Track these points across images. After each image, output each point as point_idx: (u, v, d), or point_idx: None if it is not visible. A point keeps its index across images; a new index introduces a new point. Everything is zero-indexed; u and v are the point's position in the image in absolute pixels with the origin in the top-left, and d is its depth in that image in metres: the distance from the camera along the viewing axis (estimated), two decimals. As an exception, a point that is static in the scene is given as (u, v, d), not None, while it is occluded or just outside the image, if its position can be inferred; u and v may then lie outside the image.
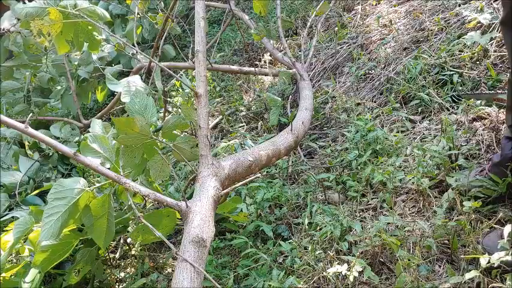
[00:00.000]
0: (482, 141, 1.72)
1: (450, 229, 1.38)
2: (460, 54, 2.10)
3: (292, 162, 2.11)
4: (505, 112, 1.60)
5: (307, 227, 1.64)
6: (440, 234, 1.40)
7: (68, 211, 1.17)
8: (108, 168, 1.25)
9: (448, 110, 1.92)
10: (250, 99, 2.84)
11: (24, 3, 1.68)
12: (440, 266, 1.36)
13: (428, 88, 2.03)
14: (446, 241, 1.41)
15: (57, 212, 1.16)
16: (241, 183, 1.33)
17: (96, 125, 1.53)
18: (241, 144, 2.34)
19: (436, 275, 1.33)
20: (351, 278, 1.28)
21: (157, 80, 1.79)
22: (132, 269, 1.80)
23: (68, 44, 1.77)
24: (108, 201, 1.26)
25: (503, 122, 1.73)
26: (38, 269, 1.33)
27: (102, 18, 1.79)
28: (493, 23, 2.08)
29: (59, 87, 2.90)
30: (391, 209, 1.61)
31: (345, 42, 2.80)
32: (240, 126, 2.64)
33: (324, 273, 1.39)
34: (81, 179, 1.22)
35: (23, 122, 1.08)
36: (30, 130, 1.07)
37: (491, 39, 2.04)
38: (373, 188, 1.78)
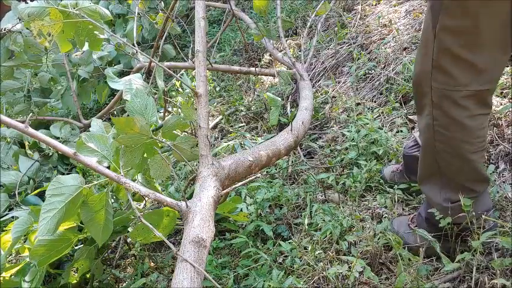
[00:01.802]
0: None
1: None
2: (460, 54, 2.10)
3: (292, 162, 2.11)
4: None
5: (307, 227, 1.64)
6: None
7: (64, 207, 1.17)
8: (108, 167, 1.25)
9: (448, 110, 1.92)
10: (250, 99, 2.84)
11: (26, 2, 1.68)
12: (439, 265, 1.36)
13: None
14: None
15: (54, 208, 1.16)
16: (241, 183, 1.33)
17: (96, 125, 1.53)
18: (241, 144, 2.34)
19: (436, 272, 1.33)
20: (352, 278, 1.28)
21: (159, 80, 1.79)
22: (132, 269, 1.80)
23: (70, 43, 1.78)
24: (105, 198, 1.26)
25: (501, 118, 1.74)
26: (35, 261, 1.33)
27: (103, 17, 1.78)
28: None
29: (59, 87, 2.90)
30: (391, 209, 1.62)
31: (345, 42, 2.80)
32: (240, 126, 2.64)
33: (324, 273, 1.39)
34: (79, 176, 1.22)
35: (23, 122, 1.08)
36: (30, 130, 1.07)
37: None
38: (373, 188, 1.78)
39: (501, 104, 1.80)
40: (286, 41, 3.07)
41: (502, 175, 1.58)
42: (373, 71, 2.42)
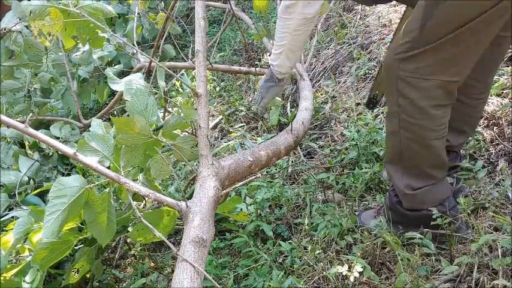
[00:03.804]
0: (484, 140, 1.72)
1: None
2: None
3: (292, 162, 2.11)
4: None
5: (307, 227, 1.64)
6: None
7: (67, 209, 1.17)
8: (108, 167, 1.25)
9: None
10: (250, 99, 2.84)
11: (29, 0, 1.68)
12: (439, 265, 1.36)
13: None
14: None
15: (57, 210, 1.16)
16: (241, 183, 1.33)
17: (96, 125, 1.53)
18: (241, 144, 2.34)
19: (436, 273, 1.33)
20: (352, 279, 1.28)
21: (160, 79, 1.79)
22: (132, 269, 1.80)
23: (74, 40, 1.78)
24: (107, 199, 1.26)
25: (501, 118, 1.74)
26: (38, 266, 1.33)
27: (107, 15, 1.78)
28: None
29: (59, 87, 2.91)
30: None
31: (344, 42, 2.80)
32: (240, 126, 2.64)
33: (324, 273, 1.39)
34: (81, 177, 1.22)
35: (23, 122, 1.08)
36: (30, 130, 1.07)
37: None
38: (373, 188, 1.78)
39: (501, 104, 1.80)
40: (286, 41, 3.06)
41: (501, 174, 1.58)
42: (373, 71, 2.42)
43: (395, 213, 1.44)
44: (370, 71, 2.43)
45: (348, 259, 1.41)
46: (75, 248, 1.53)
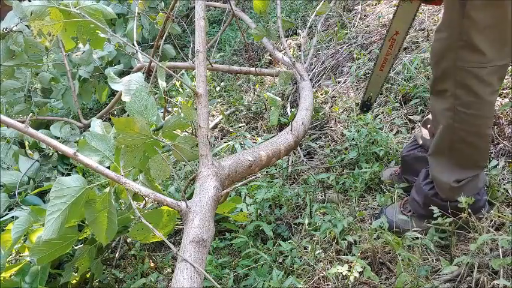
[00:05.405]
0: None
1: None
2: (460, 54, 2.10)
3: (292, 162, 2.11)
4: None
5: (307, 227, 1.64)
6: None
7: (67, 209, 1.18)
8: (108, 167, 1.25)
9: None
10: (250, 99, 2.84)
11: (29, 0, 1.68)
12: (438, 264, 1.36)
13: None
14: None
15: (57, 210, 1.17)
16: (241, 183, 1.33)
17: (96, 125, 1.53)
18: (241, 144, 2.34)
19: (436, 273, 1.33)
20: (351, 279, 1.28)
21: (161, 79, 1.79)
22: (132, 269, 1.80)
23: (74, 41, 1.78)
24: (108, 199, 1.26)
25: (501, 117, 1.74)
26: (35, 258, 1.32)
27: (106, 16, 1.78)
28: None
29: (60, 87, 2.91)
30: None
31: (345, 42, 2.80)
32: (240, 126, 2.64)
33: (324, 273, 1.39)
34: (81, 178, 1.22)
35: (23, 122, 1.08)
36: (30, 130, 1.07)
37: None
38: (373, 188, 1.78)
39: (501, 104, 1.80)
40: (286, 41, 3.07)
41: (502, 173, 1.58)
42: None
43: (430, 210, 1.41)
44: (370, 71, 2.43)
45: (348, 259, 1.41)
46: (75, 247, 1.53)
